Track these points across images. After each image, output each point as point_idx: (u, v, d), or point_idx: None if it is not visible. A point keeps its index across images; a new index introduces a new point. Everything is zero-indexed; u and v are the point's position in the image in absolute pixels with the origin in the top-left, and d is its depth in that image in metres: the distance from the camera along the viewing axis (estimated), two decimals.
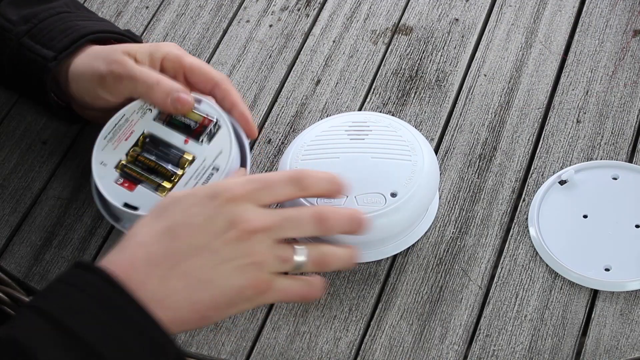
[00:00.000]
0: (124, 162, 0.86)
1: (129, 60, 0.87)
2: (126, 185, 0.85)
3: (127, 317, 0.68)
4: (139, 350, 0.67)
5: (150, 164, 0.85)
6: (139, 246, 0.72)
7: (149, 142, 0.86)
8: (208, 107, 0.87)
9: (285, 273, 0.74)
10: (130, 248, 0.72)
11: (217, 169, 0.83)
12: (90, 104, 0.90)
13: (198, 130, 0.86)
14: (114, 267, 0.70)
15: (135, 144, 0.87)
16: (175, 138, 0.86)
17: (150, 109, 0.88)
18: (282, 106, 0.97)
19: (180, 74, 0.88)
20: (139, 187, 0.84)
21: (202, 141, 0.85)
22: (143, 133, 0.87)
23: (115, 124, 0.87)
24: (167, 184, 0.84)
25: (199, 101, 0.87)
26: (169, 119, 0.87)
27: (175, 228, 0.72)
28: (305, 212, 0.74)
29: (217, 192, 0.72)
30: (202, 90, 0.88)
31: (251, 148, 0.94)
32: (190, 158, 0.85)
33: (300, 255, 0.74)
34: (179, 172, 0.84)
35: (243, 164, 0.86)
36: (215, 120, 0.86)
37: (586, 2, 1.01)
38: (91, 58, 0.88)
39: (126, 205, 0.84)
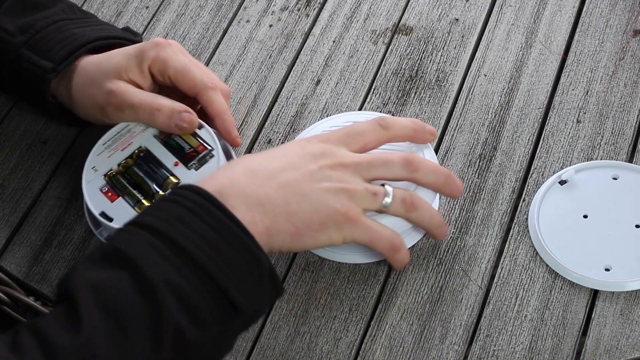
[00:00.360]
0: (114, 171, 0.87)
1: (124, 87, 0.87)
2: (109, 194, 0.86)
3: (226, 229, 0.71)
4: (236, 259, 0.71)
5: (137, 179, 0.87)
6: (238, 165, 0.77)
7: (142, 157, 0.88)
8: (207, 135, 0.88)
9: None
10: (230, 167, 0.78)
11: None
12: (98, 123, 0.91)
13: (190, 155, 0.87)
14: (214, 183, 0.74)
15: (130, 156, 0.88)
16: (167, 158, 0.87)
17: None
18: (282, 106, 0.97)
19: (167, 77, 0.89)
20: (120, 200, 0.86)
21: (190, 167, 0.87)
22: (140, 147, 0.88)
23: (117, 133, 0.89)
24: (146, 202, 0.86)
25: (200, 127, 0.88)
26: (167, 138, 0.88)
27: (273, 151, 0.78)
28: (394, 155, 0.80)
29: (315, 137, 0.80)
30: (187, 95, 0.89)
31: (251, 148, 0.94)
32: (175, 181, 0.86)
33: (389, 191, 0.79)
34: (160, 192, 0.86)
35: None
36: (209, 149, 0.87)
37: (586, 2, 1.01)
38: (87, 82, 0.89)
39: (103, 214, 0.85)
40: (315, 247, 0.78)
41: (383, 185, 0.80)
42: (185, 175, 0.86)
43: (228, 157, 0.89)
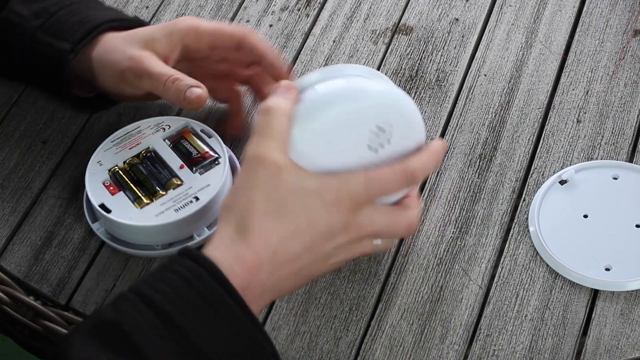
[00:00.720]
0: (118, 167, 0.88)
1: (146, 55, 0.87)
2: (111, 188, 0.87)
3: (230, 314, 0.69)
4: (238, 347, 0.69)
5: (141, 177, 0.88)
6: (266, 247, 0.72)
7: (148, 157, 0.89)
8: (216, 144, 0.89)
9: None
10: (255, 244, 0.72)
11: (197, 199, 0.85)
12: (119, 97, 0.91)
13: (196, 160, 0.88)
14: (238, 265, 0.71)
15: (137, 155, 0.89)
16: (173, 161, 0.88)
17: (164, 128, 0.90)
18: None
19: (203, 43, 0.89)
20: (120, 194, 0.87)
21: (195, 171, 0.87)
22: (148, 147, 0.89)
23: (127, 132, 0.90)
24: (146, 199, 0.86)
25: (210, 135, 0.89)
26: (176, 142, 0.89)
27: (301, 233, 0.74)
28: (409, 216, 0.79)
29: (341, 199, 0.74)
30: (228, 51, 0.89)
31: None
32: (177, 182, 0.87)
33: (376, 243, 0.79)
34: (162, 192, 0.86)
35: None
36: (216, 156, 0.88)
37: (586, 2, 1.01)
38: (111, 50, 0.89)
39: (102, 205, 0.86)
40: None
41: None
42: (189, 178, 0.86)
43: (233, 167, 0.90)
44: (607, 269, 0.83)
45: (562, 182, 0.88)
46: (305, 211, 0.73)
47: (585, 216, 0.86)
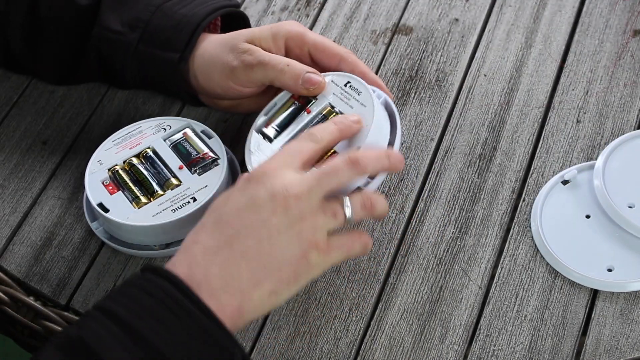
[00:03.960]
0: (118, 166, 0.88)
1: (256, 47, 0.88)
2: (110, 188, 0.87)
3: (195, 322, 0.68)
4: (206, 356, 0.68)
5: (140, 176, 0.88)
6: (195, 244, 0.72)
7: (148, 157, 0.89)
8: (216, 145, 0.89)
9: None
10: (187, 248, 0.73)
11: (195, 200, 0.86)
12: (221, 96, 0.91)
13: (195, 160, 0.88)
14: (176, 269, 0.71)
15: (137, 155, 0.89)
16: (173, 161, 0.88)
17: (165, 129, 0.91)
18: None
19: (305, 51, 0.89)
20: (119, 193, 0.87)
21: (194, 172, 0.87)
22: (148, 147, 0.90)
23: (129, 132, 0.91)
24: (144, 199, 0.86)
25: (210, 136, 0.90)
26: (176, 143, 0.90)
27: (223, 218, 0.73)
28: (337, 162, 0.76)
29: (251, 175, 0.74)
30: (327, 65, 0.88)
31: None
32: (176, 182, 0.87)
33: (347, 204, 0.75)
34: (160, 192, 0.86)
35: None
36: (215, 157, 0.88)
37: (586, 2, 1.01)
38: (217, 50, 0.89)
39: (100, 205, 0.86)
40: (298, 291, 0.74)
41: (337, 199, 0.76)
42: (188, 179, 0.87)
43: (233, 168, 0.90)
44: (609, 270, 0.83)
45: (565, 182, 0.88)
46: (225, 200, 0.74)
47: (588, 216, 0.86)
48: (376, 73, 0.98)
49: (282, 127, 0.86)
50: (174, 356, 0.67)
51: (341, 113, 0.84)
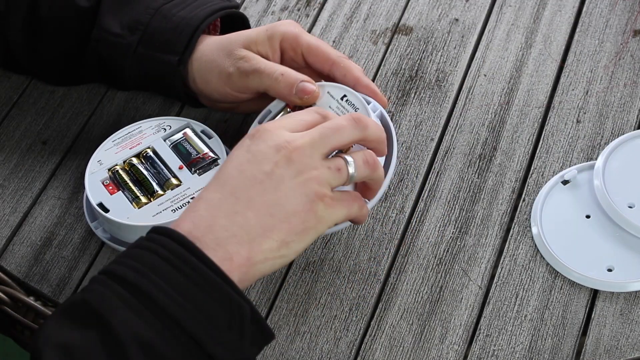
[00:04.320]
0: (118, 166, 0.88)
1: (252, 54, 0.88)
2: (110, 188, 0.87)
3: (201, 277, 0.68)
4: (214, 310, 0.67)
5: (140, 176, 0.88)
6: (198, 203, 0.73)
7: (148, 157, 0.89)
8: (216, 145, 0.89)
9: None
10: (191, 206, 0.73)
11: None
12: (219, 100, 0.91)
13: (195, 160, 0.88)
14: (180, 225, 0.71)
15: (137, 155, 0.89)
16: (173, 161, 0.88)
17: (165, 129, 0.90)
18: None
19: (299, 53, 0.89)
20: (119, 193, 0.87)
21: (194, 172, 0.87)
22: (148, 147, 0.90)
23: (129, 132, 0.91)
24: (144, 199, 0.86)
25: (210, 136, 0.90)
26: (176, 143, 0.90)
27: (226, 174, 0.73)
28: (340, 120, 0.76)
29: (252, 132, 0.74)
30: (321, 69, 0.88)
31: None
32: (176, 183, 0.87)
33: (350, 160, 0.75)
34: (160, 192, 0.86)
35: None
36: (215, 157, 0.88)
37: (586, 2, 1.01)
38: (215, 55, 0.89)
39: (100, 205, 0.86)
40: (306, 246, 0.74)
41: (340, 156, 0.76)
42: (188, 179, 0.87)
43: None
44: (610, 270, 0.83)
45: (565, 182, 0.88)
46: (228, 160, 0.74)
47: (588, 216, 0.86)
48: (376, 73, 0.98)
49: None
50: (181, 313, 0.67)
51: None
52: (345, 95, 0.84)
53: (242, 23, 0.96)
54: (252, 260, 0.70)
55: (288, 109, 0.87)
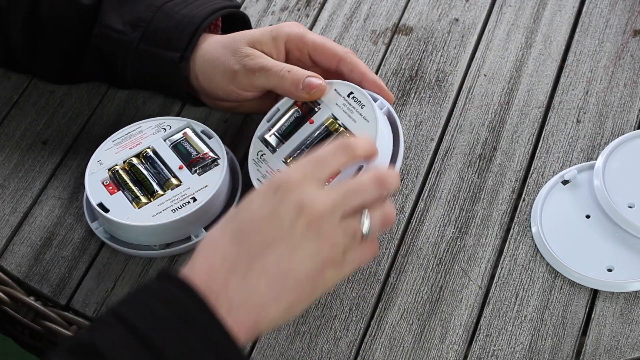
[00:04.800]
0: (118, 166, 0.88)
1: (258, 52, 0.88)
2: (110, 188, 0.88)
3: (210, 338, 0.68)
4: None
5: (140, 176, 0.88)
6: (215, 252, 0.71)
7: (148, 157, 0.89)
8: (216, 145, 0.89)
9: None
10: (206, 255, 0.72)
11: (195, 200, 0.86)
12: (223, 98, 0.91)
13: (195, 160, 0.88)
14: (194, 276, 0.70)
15: (137, 155, 0.89)
16: (173, 161, 0.88)
17: (165, 129, 0.91)
18: None
19: (305, 53, 0.89)
20: (119, 193, 0.87)
21: (194, 172, 0.87)
22: (148, 147, 0.90)
23: (129, 132, 0.91)
24: (144, 199, 0.87)
25: (210, 136, 0.90)
26: (176, 143, 0.90)
27: (244, 227, 0.71)
28: (365, 180, 0.74)
29: (277, 183, 0.72)
30: (327, 66, 0.88)
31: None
32: (176, 183, 0.87)
33: (366, 222, 0.73)
34: (160, 192, 0.87)
35: (231, 201, 0.89)
36: (215, 157, 0.88)
37: (586, 2, 1.01)
38: (219, 52, 0.89)
39: (100, 205, 0.86)
40: (311, 304, 0.75)
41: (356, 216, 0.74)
42: (188, 179, 0.87)
43: (233, 168, 0.90)
44: (610, 270, 0.83)
45: (565, 182, 0.88)
46: (246, 207, 0.72)
47: (588, 216, 0.86)
48: (376, 73, 0.98)
49: (285, 136, 0.86)
50: None
51: (344, 126, 0.84)
52: (352, 93, 0.85)
53: (243, 23, 0.96)
54: (257, 324, 0.70)
55: (297, 108, 0.87)
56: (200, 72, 0.90)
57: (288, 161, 0.85)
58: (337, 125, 0.85)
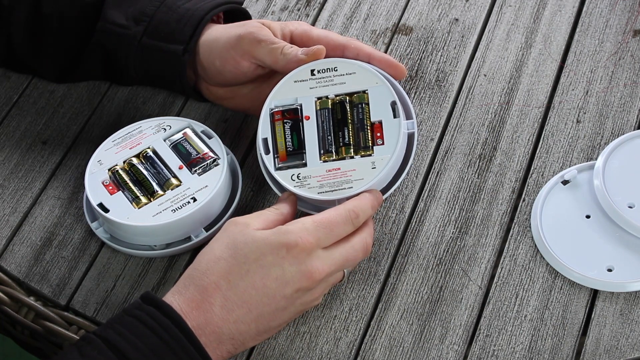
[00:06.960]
0: (118, 167, 0.88)
1: (267, 29, 0.89)
2: (110, 188, 0.88)
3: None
4: None
5: (140, 176, 0.88)
6: (216, 288, 0.77)
7: (148, 157, 0.89)
8: (216, 145, 0.89)
9: None
10: (206, 286, 0.77)
11: (195, 200, 0.86)
12: (218, 69, 0.91)
13: (195, 160, 0.88)
14: (190, 307, 0.75)
15: (137, 155, 0.89)
16: (173, 161, 0.89)
17: (165, 129, 0.90)
18: None
19: (310, 46, 0.90)
20: (119, 193, 0.87)
21: (194, 172, 0.87)
22: (148, 147, 0.90)
23: (129, 132, 0.91)
24: (144, 199, 0.87)
25: (210, 136, 0.90)
26: (176, 143, 0.90)
27: (250, 274, 0.77)
28: (358, 250, 0.81)
29: (290, 244, 0.77)
30: (334, 56, 0.89)
31: (251, 148, 0.94)
32: (176, 183, 0.87)
33: (345, 274, 0.83)
34: (160, 192, 0.87)
35: (231, 201, 0.89)
36: (215, 158, 0.88)
37: (586, 2, 1.01)
38: (226, 28, 0.91)
39: (100, 205, 0.86)
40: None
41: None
42: (188, 179, 0.87)
43: (233, 168, 0.90)
44: (610, 270, 0.83)
45: (565, 182, 0.88)
46: (255, 252, 0.77)
47: (588, 216, 0.86)
48: None
49: (300, 146, 0.85)
50: None
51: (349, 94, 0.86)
52: (354, 73, 0.86)
53: (244, 19, 0.96)
54: (236, 351, 0.78)
55: (280, 120, 0.86)
56: (203, 54, 0.91)
57: (325, 158, 0.84)
58: (339, 99, 0.86)
